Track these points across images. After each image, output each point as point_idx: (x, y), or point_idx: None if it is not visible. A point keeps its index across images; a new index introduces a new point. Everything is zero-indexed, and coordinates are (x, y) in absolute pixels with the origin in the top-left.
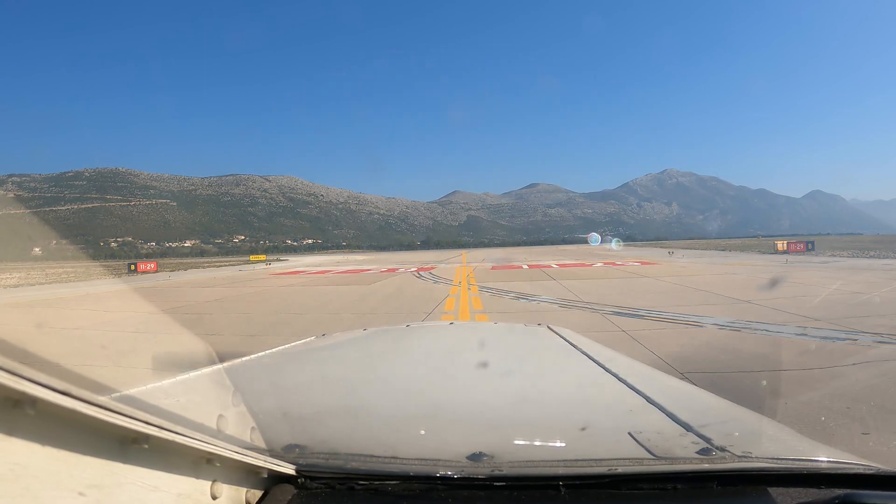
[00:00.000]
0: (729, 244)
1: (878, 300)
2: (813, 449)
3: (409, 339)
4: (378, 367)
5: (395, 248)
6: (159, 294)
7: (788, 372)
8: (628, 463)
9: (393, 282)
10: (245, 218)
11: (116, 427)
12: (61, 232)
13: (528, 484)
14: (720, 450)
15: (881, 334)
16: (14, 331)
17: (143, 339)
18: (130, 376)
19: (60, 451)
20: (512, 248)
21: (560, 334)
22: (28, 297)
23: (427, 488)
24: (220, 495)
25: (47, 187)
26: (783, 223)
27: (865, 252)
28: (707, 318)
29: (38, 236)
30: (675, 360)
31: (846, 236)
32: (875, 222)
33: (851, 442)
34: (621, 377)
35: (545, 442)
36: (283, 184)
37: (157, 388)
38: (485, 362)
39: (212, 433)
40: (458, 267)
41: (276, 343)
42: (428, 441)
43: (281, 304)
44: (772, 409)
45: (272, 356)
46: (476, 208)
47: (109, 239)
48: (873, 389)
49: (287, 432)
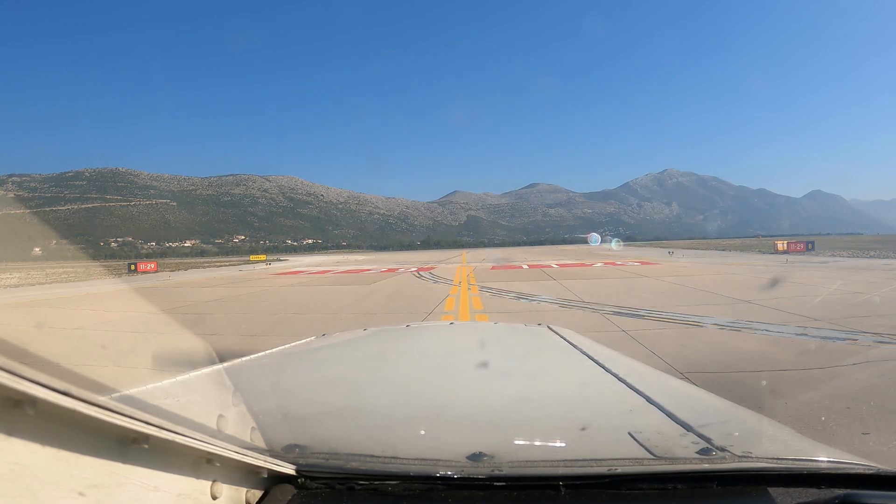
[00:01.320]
0: (729, 244)
1: (879, 300)
2: (813, 449)
3: (409, 339)
4: (378, 368)
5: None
6: (159, 294)
7: (788, 372)
8: (628, 463)
9: (393, 282)
10: (245, 218)
11: (116, 427)
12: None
13: (528, 484)
14: (720, 450)
15: (881, 334)
16: (14, 331)
17: (143, 339)
18: (130, 376)
19: (60, 451)
20: (512, 248)
21: (560, 334)
22: (28, 297)
23: (427, 488)
24: (220, 495)
25: (47, 187)
26: (783, 223)
27: (865, 252)
28: (707, 318)
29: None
30: (676, 360)
31: (846, 236)
32: (875, 222)
33: (852, 442)
34: (621, 377)
35: (545, 442)
36: (283, 184)
37: (157, 388)
38: (485, 362)
39: (212, 433)
40: (458, 267)
41: (276, 343)
42: (428, 441)
43: (281, 304)
44: (772, 409)
45: (272, 356)
46: (476, 208)
47: (109, 239)
48: (873, 389)
49: (287, 432)
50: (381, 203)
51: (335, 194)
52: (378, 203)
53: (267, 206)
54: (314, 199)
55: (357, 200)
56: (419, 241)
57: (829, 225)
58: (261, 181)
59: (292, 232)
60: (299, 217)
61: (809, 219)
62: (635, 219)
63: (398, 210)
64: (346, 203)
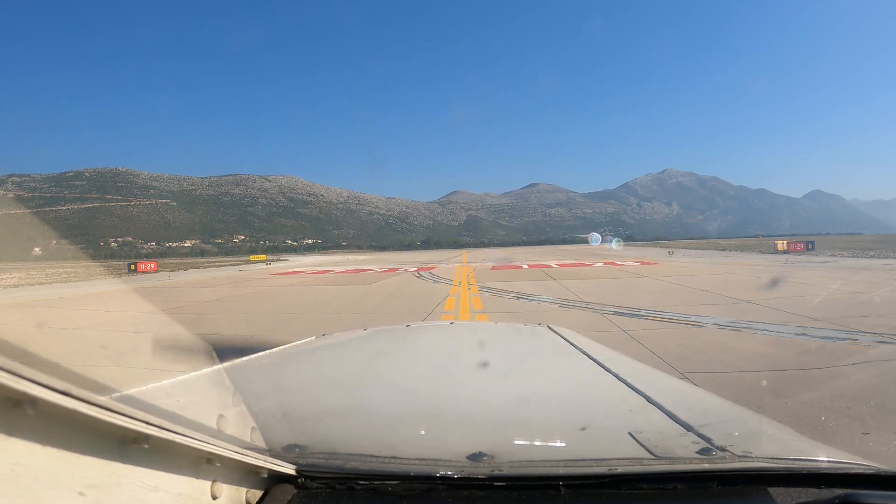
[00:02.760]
0: (729, 244)
1: (879, 300)
2: (813, 449)
3: (409, 338)
4: (378, 367)
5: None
6: (159, 294)
7: (789, 372)
8: (628, 463)
9: (393, 282)
10: (245, 218)
11: (116, 427)
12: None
13: (528, 484)
14: (720, 450)
15: (881, 334)
16: (14, 331)
17: (143, 339)
18: (130, 376)
19: (61, 451)
20: (512, 248)
21: (560, 334)
22: (28, 297)
23: (427, 488)
24: (220, 495)
25: (47, 187)
26: (783, 223)
27: (865, 252)
28: (707, 318)
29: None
30: (676, 360)
31: (846, 236)
32: (875, 222)
33: (852, 442)
34: (621, 377)
35: (545, 442)
36: (283, 184)
37: (158, 388)
38: (485, 362)
39: (212, 433)
40: (458, 267)
41: (276, 343)
42: (428, 441)
43: (281, 304)
44: (772, 409)
45: (272, 356)
46: (476, 208)
47: (109, 239)
48: (873, 389)
49: (287, 432)
50: (381, 203)
51: (335, 194)
52: (378, 203)
53: (267, 206)
54: (314, 199)
55: (357, 200)
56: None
57: (829, 225)
58: (261, 181)
59: (292, 232)
60: (299, 217)
61: (809, 219)
62: (635, 219)
63: (398, 210)
64: (346, 203)
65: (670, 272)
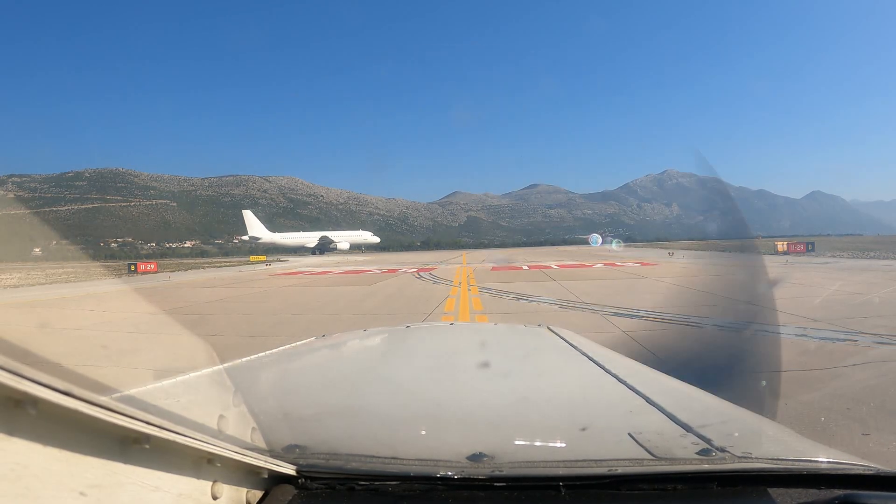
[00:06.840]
0: (729, 245)
1: (878, 301)
2: (813, 449)
3: (410, 339)
4: (378, 368)
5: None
6: (160, 294)
7: (788, 372)
8: (628, 463)
9: (393, 282)
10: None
11: (117, 427)
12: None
13: (529, 484)
14: (720, 450)
15: (881, 335)
16: (15, 331)
17: (143, 339)
18: (131, 376)
19: (62, 451)
20: (512, 249)
21: (560, 335)
22: (29, 298)
23: (427, 489)
24: (220, 495)
25: (47, 187)
26: (783, 224)
27: (865, 253)
28: (707, 319)
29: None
30: (675, 361)
31: (846, 237)
32: (875, 223)
33: (852, 442)
34: (621, 378)
35: (545, 442)
36: (283, 184)
37: (158, 389)
38: (485, 363)
39: (212, 433)
40: (458, 268)
41: (277, 344)
42: (428, 441)
43: (281, 304)
44: (772, 410)
45: (273, 357)
46: (476, 209)
47: (109, 239)
48: (873, 390)
49: (287, 432)
50: (381, 204)
51: (335, 195)
52: (378, 204)
53: (267, 206)
54: (314, 199)
55: (357, 201)
56: (419, 242)
57: (829, 225)
58: (261, 182)
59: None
60: (299, 217)
61: (809, 219)
62: (635, 220)
63: (398, 211)
64: (346, 203)
65: (670, 273)
